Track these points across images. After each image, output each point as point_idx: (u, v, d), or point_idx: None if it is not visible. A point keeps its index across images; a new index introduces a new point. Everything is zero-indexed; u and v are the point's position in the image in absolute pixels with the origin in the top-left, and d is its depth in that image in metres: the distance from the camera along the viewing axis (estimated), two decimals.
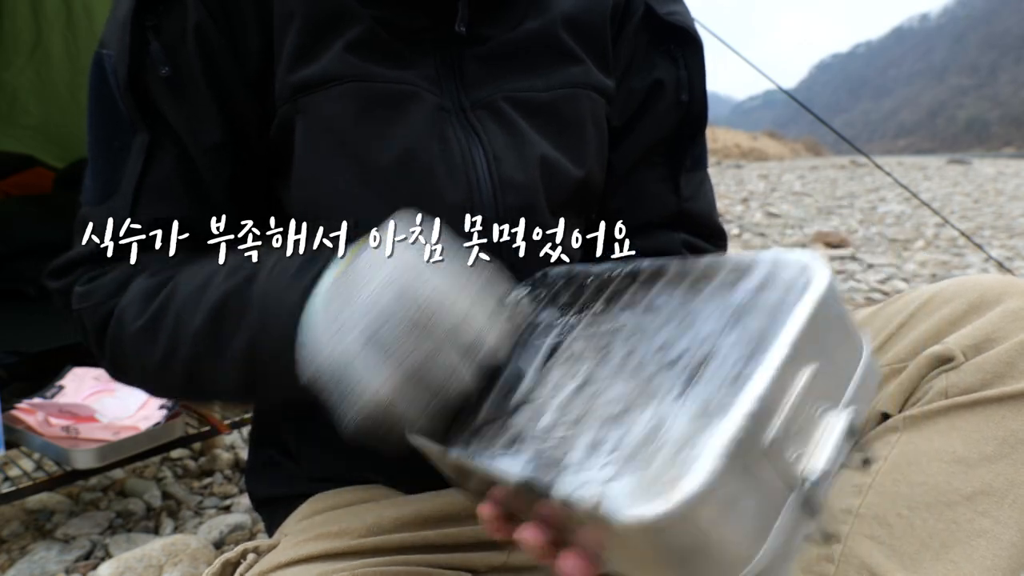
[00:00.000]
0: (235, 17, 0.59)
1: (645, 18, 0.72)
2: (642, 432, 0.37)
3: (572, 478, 0.38)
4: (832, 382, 0.39)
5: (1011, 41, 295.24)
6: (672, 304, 0.45)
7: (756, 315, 0.39)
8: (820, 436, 0.37)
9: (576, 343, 0.48)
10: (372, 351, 0.42)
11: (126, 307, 0.58)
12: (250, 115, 0.62)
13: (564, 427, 0.42)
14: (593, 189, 0.71)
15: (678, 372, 0.39)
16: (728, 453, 0.33)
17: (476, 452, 0.45)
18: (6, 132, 1.87)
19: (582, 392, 0.43)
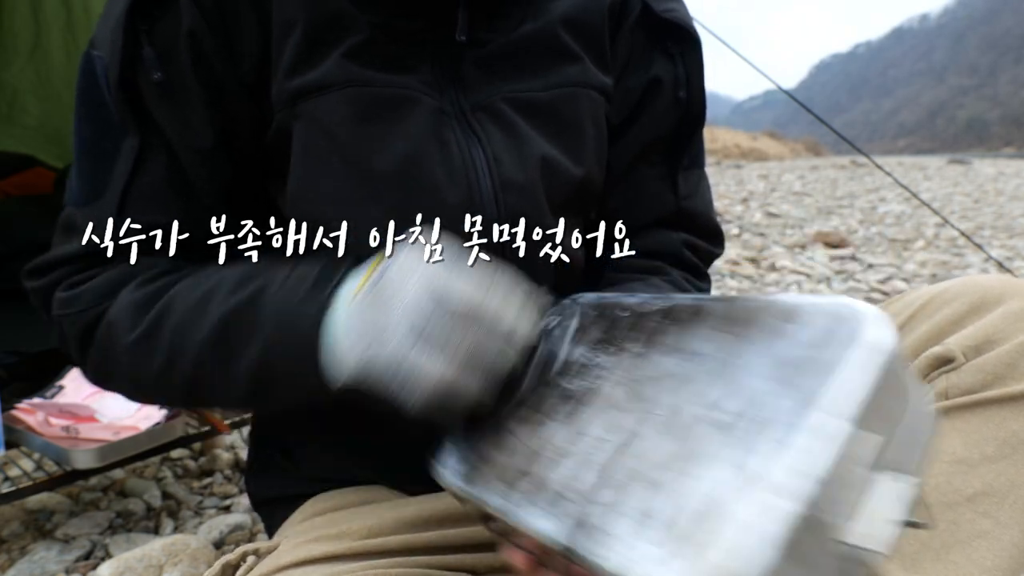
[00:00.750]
0: (231, 22, 0.59)
1: (642, 16, 0.72)
2: (697, 508, 0.35)
3: (623, 553, 0.36)
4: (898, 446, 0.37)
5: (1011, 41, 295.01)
6: (719, 352, 0.42)
7: (814, 375, 0.36)
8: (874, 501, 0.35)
9: (616, 390, 0.45)
10: (426, 346, 0.46)
11: (116, 319, 0.57)
12: (244, 120, 0.61)
13: (609, 491, 0.39)
14: (593, 188, 0.71)
15: (733, 438, 0.37)
16: (790, 538, 0.32)
17: (517, 508, 0.43)
18: (6, 132, 1.87)
19: (627, 449, 0.41)
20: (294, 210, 0.61)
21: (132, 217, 0.59)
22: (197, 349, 0.54)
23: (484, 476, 0.47)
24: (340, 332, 0.49)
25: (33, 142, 1.93)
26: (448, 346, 0.46)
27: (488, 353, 0.47)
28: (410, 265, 0.48)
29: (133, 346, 0.56)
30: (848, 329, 0.37)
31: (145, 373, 0.57)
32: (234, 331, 0.53)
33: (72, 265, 0.60)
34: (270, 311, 0.52)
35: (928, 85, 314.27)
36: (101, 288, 0.58)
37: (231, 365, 0.53)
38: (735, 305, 0.44)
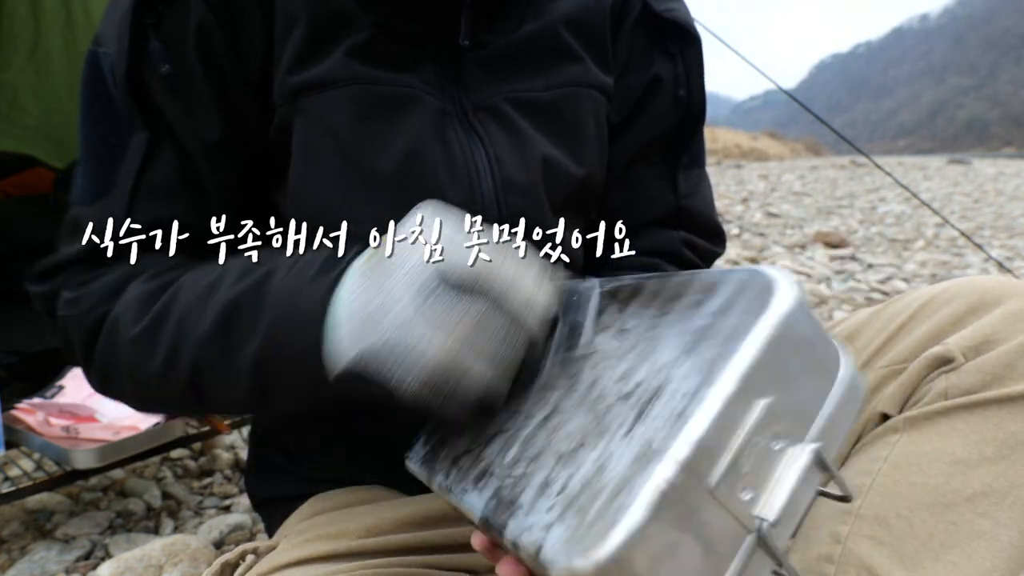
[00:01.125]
0: (238, 17, 0.59)
1: (642, 15, 0.72)
2: (587, 473, 0.36)
3: (521, 520, 0.37)
4: (794, 412, 0.36)
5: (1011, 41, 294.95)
6: (640, 328, 0.43)
7: (712, 342, 0.36)
8: (779, 474, 0.35)
9: (552, 368, 0.46)
10: (425, 320, 0.42)
11: (122, 313, 0.56)
12: (250, 115, 0.61)
13: (524, 463, 0.41)
14: (594, 188, 0.71)
15: (630, 406, 0.37)
16: (660, 500, 0.32)
17: (452, 484, 0.44)
18: (6, 132, 1.86)
19: (546, 424, 0.42)
20: (294, 208, 0.61)
21: (142, 213, 0.58)
22: (200, 340, 0.52)
23: (439, 460, 0.48)
24: (341, 311, 0.46)
25: (33, 142, 1.93)
26: (449, 321, 0.42)
27: (496, 332, 0.43)
28: (415, 236, 0.45)
29: (136, 340, 0.55)
30: (749, 295, 0.37)
31: (147, 369, 0.55)
32: (237, 319, 0.51)
33: (79, 265, 0.59)
34: (274, 296, 0.50)
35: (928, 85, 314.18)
36: (108, 286, 0.57)
37: (234, 355, 0.51)
38: (665, 281, 0.45)
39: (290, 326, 0.48)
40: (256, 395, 0.52)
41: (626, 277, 0.49)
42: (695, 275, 0.43)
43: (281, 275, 0.51)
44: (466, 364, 0.43)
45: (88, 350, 0.59)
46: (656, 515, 0.31)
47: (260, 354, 0.50)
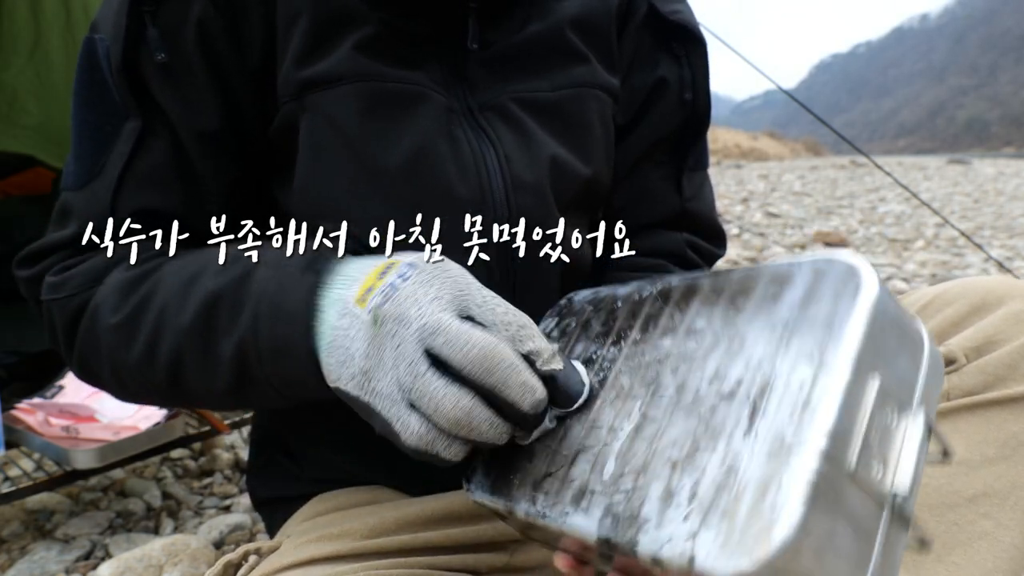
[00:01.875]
0: (238, 10, 0.59)
1: (648, 16, 0.72)
2: (716, 477, 0.36)
3: (654, 534, 0.36)
4: (900, 385, 0.37)
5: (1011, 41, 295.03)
6: (714, 325, 0.43)
7: (809, 331, 0.37)
8: (901, 443, 0.36)
9: (621, 378, 0.46)
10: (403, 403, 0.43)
11: (101, 301, 0.55)
12: (249, 109, 0.61)
13: (631, 476, 0.40)
14: (600, 188, 0.71)
15: (739, 404, 0.37)
16: (813, 491, 0.32)
17: (545, 510, 0.43)
18: (6, 132, 1.86)
19: (640, 434, 0.42)
20: (299, 206, 0.60)
21: (129, 200, 0.58)
22: (180, 331, 0.52)
23: (510, 484, 0.47)
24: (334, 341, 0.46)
25: (33, 142, 1.93)
26: (432, 409, 0.42)
27: (479, 422, 0.43)
28: (413, 299, 0.44)
29: (115, 329, 0.54)
30: (833, 281, 0.38)
31: (126, 359, 0.55)
32: (217, 311, 0.51)
33: (65, 250, 0.59)
34: (257, 291, 0.50)
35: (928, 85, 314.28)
36: (91, 272, 0.57)
37: (214, 347, 0.51)
38: (724, 278, 0.45)
39: (273, 321, 0.48)
40: (235, 388, 0.52)
41: (672, 277, 0.49)
42: (758, 269, 0.43)
43: (264, 269, 0.51)
44: (442, 447, 0.43)
45: (70, 336, 0.58)
46: (811, 507, 0.32)
47: (241, 347, 0.50)
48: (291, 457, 0.71)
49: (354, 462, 0.68)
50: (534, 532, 0.48)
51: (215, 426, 1.31)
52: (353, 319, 0.45)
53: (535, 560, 0.66)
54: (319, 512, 0.67)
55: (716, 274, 0.46)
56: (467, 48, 0.63)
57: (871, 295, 0.36)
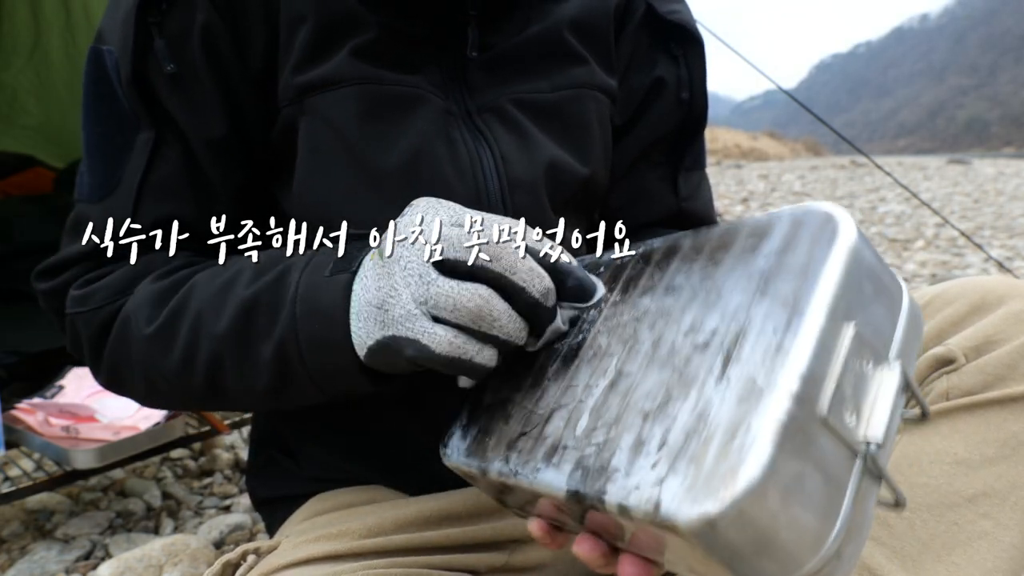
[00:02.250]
0: (240, 16, 0.59)
1: (646, 17, 0.73)
2: (687, 423, 0.35)
3: (622, 483, 0.36)
4: (876, 335, 0.37)
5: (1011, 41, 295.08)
6: (693, 281, 0.43)
7: (785, 279, 0.37)
8: (876, 394, 0.35)
9: (599, 338, 0.46)
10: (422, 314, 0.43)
11: (133, 311, 0.56)
12: (253, 114, 0.61)
13: (603, 429, 0.39)
14: (598, 189, 0.71)
15: (713, 352, 0.37)
16: (783, 433, 0.31)
17: (517, 468, 0.43)
18: (6, 132, 1.87)
19: (615, 389, 0.41)
20: (299, 207, 0.61)
21: (148, 211, 0.59)
22: (218, 337, 0.52)
23: (485, 447, 0.47)
24: (358, 302, 0.47)
25: (33, 142, 1.94)
26: (450, 312, 0.43)
27: (499, 314, 0.44)
28: (414, 235, 0.46)
29: (150, 339, 0.55)
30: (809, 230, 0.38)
31: (162, 367, 0.55)
32: (255, 316, 0.52)
33: (87, 263, 0.60)
34: (293, 293, 0.51)
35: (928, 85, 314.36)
36: (118, 284, 0.58)
37: (254, 350, 0.52)
38: (704, 235, 0.45)
39: (311, 320, 0.49)
40: (276, 388, 0.53)
41: (655, 240, 0.48)
42: (738, 223, 0.43)
43: (297, 273, 0.51)
44: (474, 350, 0.44)
45: (97, 348, 0.59)
46: (780, 448, 0.31)
47: (281, 348, 0.50)
48: (290, 457, 0.71)
49: (353, 462, 0.68)
50: (508, 497, 0.47)
51: (215, 426, 1.31)
52: (367, 271, 0.47)
53: (534, 560, 0.66)
54: (318, 512, 0.67)
55: (697, 232, 0.45)
56: (460, 41, 0.63)
57: (847, 242, 0.36)
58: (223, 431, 1.33)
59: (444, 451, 0.51)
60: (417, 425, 0.64)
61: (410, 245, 0.45)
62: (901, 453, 0.57)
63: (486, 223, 0.45)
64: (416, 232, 0.45)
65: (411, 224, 0.46)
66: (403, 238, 0.46)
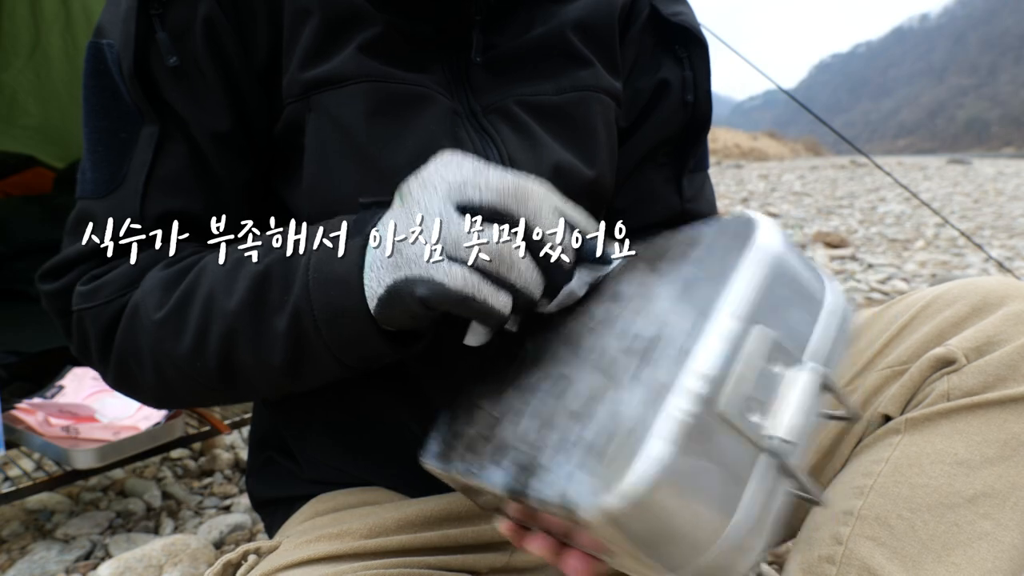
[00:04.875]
0: (244, 10, 0.59)
1: (650, 19, 0.73)
2: (602, 421, 0.37)
3: (544, 479, 0.38)
4: (790, 337, 0.38)
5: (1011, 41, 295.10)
6: (633, 288, 0.45)
7: (702, 284, 0.39)
8: (783, 395, 0.36)
9: (559, 348, 0.47)
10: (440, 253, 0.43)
11: (142, 299, 0.55)
12: (257, 109, 0.61)
13: (538, 429, 0.41)
14: (604, 191, 0.71)
15: (635, 355, 0.39)
16: (679, 429, 0.33)
17: (471, 467, 0.45)
18: (6, 132, 1.87)
19: (553, 391, 0.43)
20: (305, 204, 0.60)
21: (156, 205, 0.58)
22: (231, 313, 0.52)
23: (455, 451, 0.48)
24: (372, 255, 0.47)
25: (33, 142, 1.94)
26: (468, 251, 0.42)
27: (519, 261, 0.43)
28: (436, 171, 0.46)
29: (161, 324, 0.54)
30: (733, 239, 0.39)
31: (173, 353, 0.54)
32: (268, 288, 0.51)
33: (92, 260, 0.59)
34: (305, 262, 0.50)
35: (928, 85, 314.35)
36: (126, 276, 0.57)
37: (268, 323, 0.51)
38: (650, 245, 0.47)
39: (325, 287, 0.49)
40: (292, 362, 0.52)
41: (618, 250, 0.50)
42: (677, 232, 0.45)
43: (307, 244, 0.51)
44: (489, 292, 0.43)
45: (106, 342, 0.58)
46: (673, 443, 0.33)
47: (296, 319, 0.50)
48: (290, 458, 0.71)
49: (352, 463, 0.68)
50: (478, 498, 0.49)
51: (215, 426, 1.31)
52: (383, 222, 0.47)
53: (534, 560, 0.66)
54: (318, 512, 0.67)
55: (648, 242, 0.47)
56: (465, 45, 0.63)
57: (762, 247, 0.38)
58: (223, 431, 1.33)
59: (421, 455, 0.52)
60: (417, 426, 0.64)
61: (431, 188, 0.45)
62: (902, 454, 0.57)
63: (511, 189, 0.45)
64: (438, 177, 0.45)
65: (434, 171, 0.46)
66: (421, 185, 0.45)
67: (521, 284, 0.44)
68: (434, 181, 0.45)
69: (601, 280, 0.49)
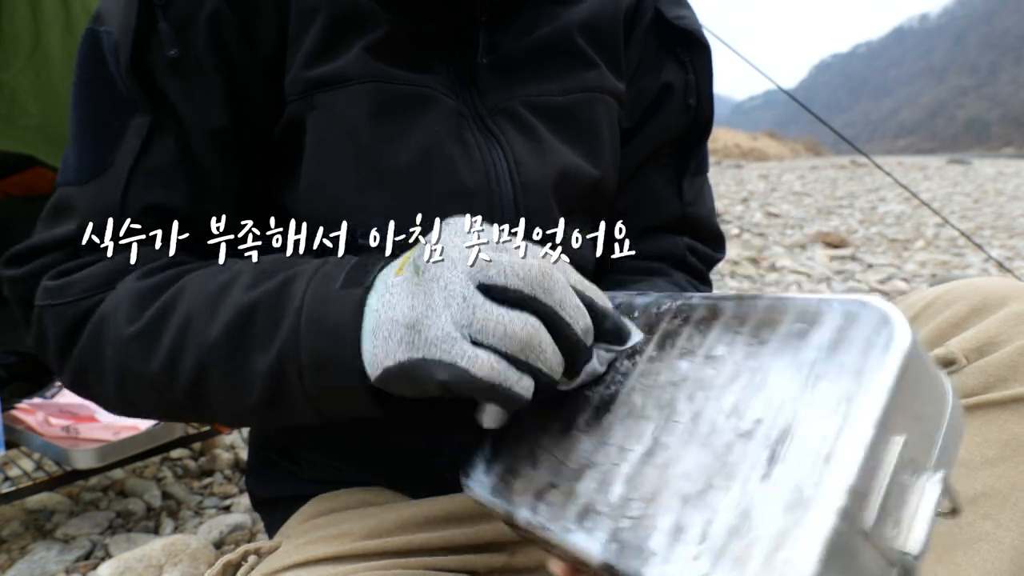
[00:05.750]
0: (251, 6, 0.58)
1: (654, 21, 0.73)
2: (729, 519, 0.35)
3: (660, 569, 0.36)
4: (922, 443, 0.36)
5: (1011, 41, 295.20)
6: (735, 355, 0.42)
7: (836, 379, 0.36)
8: (917, 505, 0.35)
9: (634, 395, 0.45)
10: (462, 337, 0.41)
11: (112, 310, 0.53)
12: (258, 106, 0.60)
13: (639, 504, 0.39)
14: (607, 191, 0.71)
15: (758, 446, 0.37)
16: (828, 548, 0.31)
17: (545, 521, 0.43)
18: (6, 132, 1.86)
19: (651, 460, 0.41)
20: (306, 206, 0.60)
21: (138, 198, 0.56)
22: (208, 344, 0.49)
23: (512, 489, 0.46)
24: (376, 322, 0.44)
25: (33, 142, 1.93)
26: (492, 338, 0.41)
27: (542, 347, 0.42)
28: (453, 243, 0.43)
29: (130, 340, 0.51)
30: (865, 329, 0.37)
31: (140, 372, 0.52)
32: (252, 325, 0.49)
33: (65, 250, 0.56)
34: (297, 304, 0.47)
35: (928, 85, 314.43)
36: (97, 277, 0.55)
37: (247, 362, 0.49)
38: (748, 305, 0.43)
39: (317, 335, 0.46)
40: (266, 404, 0.50)
41: (693, 295, 0.47)
42: (785, 301, 0.42)
43: (304, 282, 0.48)
44: (514, 378, 0.41)
45: (66, 346, 0.55)
46: (825, 565, 0.31)
47: (279, 361, 0.47)
48: (290, 458, 0.71)
49: (353, 463, 0.68)
50: (530, 537, 0.47)
51: (215, 426, 1.31)
52: (394, 288, 0.44)
53: (534, 561, 0.66)
54: (319, 512, 0.67)
55: (740, 299, 0.44)
56: (471, 46, 0.63)
57: (903, 349, 0.35)
58: (223, 431, 1.33)
59: (466, 481, 0.49)
60: (417, 427, 0.64)
61: (451, 265, 0.42)
62: None
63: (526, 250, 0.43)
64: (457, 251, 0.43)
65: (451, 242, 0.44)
66: (440, 259, 0.43)
67: (547, 369, 0.42)
68: (453, 255, 0.43)
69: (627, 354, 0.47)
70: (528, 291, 0.42)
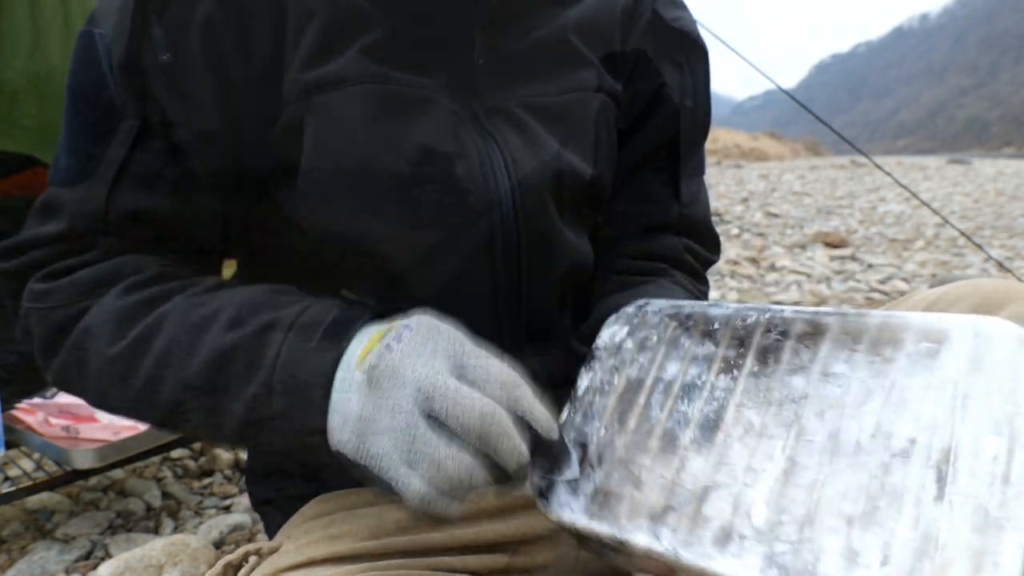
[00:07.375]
0: (246, 11, 0.58)
1: (652, 22, 0.73)
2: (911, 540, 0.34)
3: None
4: None
5: (1011, 41, 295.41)
6: (859, 373, 0.41)
7: (988, 399, 0.36)
8: None
9: (746, 412, 0.43)
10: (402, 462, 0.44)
11: (94, 325, 0.54)
12: (252, 111, 0.60)
13: (792, 527, 0.38)
14: (603, 191, 0.71)
15: (920, 466, 0.36)
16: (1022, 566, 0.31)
17: (676, 547, 0.41)
18: (6, 132, 1.87)
19: (793, 480, 0.39)
20: (302, 208, 0.60)
21: (124, 201, 0.56)
22: (185, 381, 0.51)
23: (616, 512, 0.44)
24: (336, 405, 0.46)
25: (33, 142, 1.93)
26: (428, 466, 0.43)
27: (478, 483, 0.44)
28: (411, 361, 0.45)
29: (111, 362, 0.53)
30: (1002, 350, 0.37)
31: (120, 393, 0.54)
32: (228, 369, 0.50)
33: (51, 247, 0.57)
34: (275, 354, 0.49)
35: (928, 85, 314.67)
36: (80, 285, 0.55)
37: (223, 402, 0.50)
38: (857, 321, 0.43)
39: (288, 395, 0.48)
40: (239, 439, 0.52)
41: (781, 308, 0.47)
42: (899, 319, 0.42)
43: (282, 332, 0.50)
44: (443, 505, 0.44)
45: (50, 349, 0.56)
46: None
47: (251, 409, 0.50)
48: (290, 458, 0.71)
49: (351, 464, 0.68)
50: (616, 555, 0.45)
51: None
52: (351, 383, 0.46)
53: (536, 562, 0.66)
54: (319, 513, 0.67)
55: (844, 315, 0.44)
56: (469, 48, 0.63)
57: None
58: None
59: (545, 505, 0.48)
60: None
61: (400, 386, 0.44)
62: None
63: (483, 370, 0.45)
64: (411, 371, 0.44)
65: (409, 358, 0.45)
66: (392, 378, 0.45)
67: (473, 495, 0.45)
68: (405, 375, 0.44)
69: None
70: (464, 437, 0.43)
